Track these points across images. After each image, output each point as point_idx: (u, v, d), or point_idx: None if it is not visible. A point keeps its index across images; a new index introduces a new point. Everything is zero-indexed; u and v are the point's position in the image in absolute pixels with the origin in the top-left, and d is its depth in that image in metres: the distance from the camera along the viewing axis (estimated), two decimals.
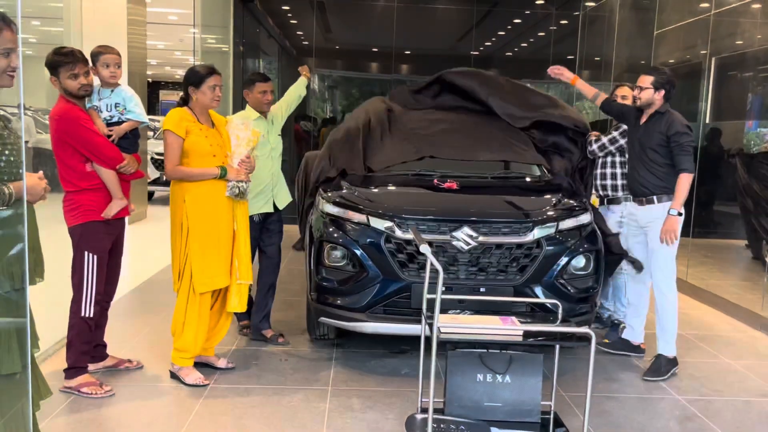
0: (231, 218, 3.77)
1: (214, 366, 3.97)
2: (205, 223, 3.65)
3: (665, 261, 4.11)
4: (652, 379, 4.05)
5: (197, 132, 3.67)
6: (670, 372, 4.09)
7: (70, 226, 3.54)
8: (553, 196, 4.33)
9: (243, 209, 3.85)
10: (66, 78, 3.40)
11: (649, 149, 4.12)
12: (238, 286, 3.81)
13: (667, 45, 7.72)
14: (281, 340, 4.48)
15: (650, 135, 4.12)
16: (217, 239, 3.69)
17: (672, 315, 4.14)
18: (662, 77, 4.07)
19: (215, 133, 3.78)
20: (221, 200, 3.70)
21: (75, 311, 3.53)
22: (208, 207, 3.66)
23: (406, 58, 11.44)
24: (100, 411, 3.36)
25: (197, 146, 3.65)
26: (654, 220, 4.12)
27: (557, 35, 10.86)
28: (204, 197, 3.65)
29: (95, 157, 3.49)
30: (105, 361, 3.88)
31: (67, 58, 3.39)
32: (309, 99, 12.01)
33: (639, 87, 4.14)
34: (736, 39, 6.81)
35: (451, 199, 4.21)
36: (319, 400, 3.60)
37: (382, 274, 3.83)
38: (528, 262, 3.88)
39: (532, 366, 3.04)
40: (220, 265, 3.70)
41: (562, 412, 3.44)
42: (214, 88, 3.68)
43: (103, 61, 3.61)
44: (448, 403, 3.04)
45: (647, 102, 4.13)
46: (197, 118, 3.71)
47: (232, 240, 3.78)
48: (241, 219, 3.82)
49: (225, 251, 3.73)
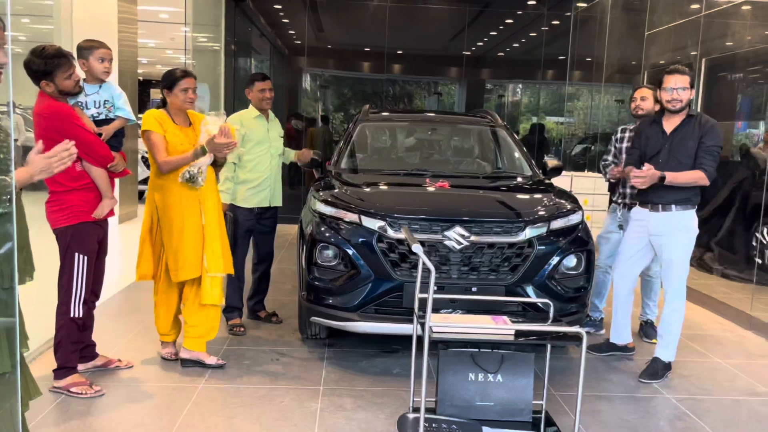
0: (198, 212, 3.83)
1: (205, 363, 3.97)
2: (173, 218, 3.79)
3: (680, 270, 3.99)
4: (648, 381, 4.01)
5: (171, 131, 3.81)
6: (665, 376, 4.08)
7: (59, 228, 3.48)
8: (545, 196, 4.34)
9: (212, 204, 3.88)
10: (63, 80, 3.33)
11: (685, 157, 3.88)
12: (211, 278, 3.85)
13: (657, 46, 7.76)
14: (275, 319, 4.81)
15: (684, 142, 3.89)
16: (182, 233, 3.79)
17: (678, 323, 4.05)
18: (692, 75, 3.87)
19: (190, 132, 3.91)
20: (188, 196, 3.80)
21: (64, 312, 3.50)
22: (175, 203, 3.79)
23: (399, 57, 11.44)
24: (89, 411, 3.34)
25: (171, 146, 3.79)
26: (669, 228, 3.97)
27: (549, 36, 10.89)
28: (172, 193, 3.79)
29: (88, 156, 3.45)
30: (95, 360, 3.85)
31: (62, 61, 3.32)
32: (301, 98, 12.00)
33: (673, 89, 3.83)
34: (726, 40, 6.85)
35: (443, 198, 4.22)
36: (311, 399, 3.59)
37: (374, 273, 3.83)
38: (520, 262, 3.89)
39: (524, 365, 3.05)
40: (187, 256, 3.79)
41: (554, 412, 3.45)
42: (186, 91, 3.81)
43: (98, 55, 3.59)
44: (440, 402, 3.04)
45: (687, 104, 3.88)
46: (172, 119, 3.86)
47: (201, 234, 3.83)
48: (210, 213, 3.86)
49: (191, 245, 3.80)
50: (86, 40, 3.63)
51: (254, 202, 4.59)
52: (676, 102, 3.87)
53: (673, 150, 3.93)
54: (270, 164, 4.64)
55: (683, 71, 3.85)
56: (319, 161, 5.07)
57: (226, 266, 3.91)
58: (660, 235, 4.02)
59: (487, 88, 12.49)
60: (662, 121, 4.02)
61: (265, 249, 4.83)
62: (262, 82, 4.58)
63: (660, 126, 4.02)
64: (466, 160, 5.55)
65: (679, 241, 3.98)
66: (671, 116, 3.97)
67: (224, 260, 3.90)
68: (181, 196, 3.79)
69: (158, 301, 4.01)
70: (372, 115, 5.60)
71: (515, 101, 12.79)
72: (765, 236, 6.23)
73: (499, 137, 5.48)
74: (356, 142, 5.29)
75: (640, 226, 4.13)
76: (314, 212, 4.17)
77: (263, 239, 4.80)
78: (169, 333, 4.07)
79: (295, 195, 10.40)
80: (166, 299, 3.99)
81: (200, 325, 3.95)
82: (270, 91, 4.61)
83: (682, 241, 3.99)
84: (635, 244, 4.18)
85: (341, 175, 4.66)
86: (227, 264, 3.93)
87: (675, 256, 3.98)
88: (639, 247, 4.16)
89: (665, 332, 4.08)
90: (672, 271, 4.01)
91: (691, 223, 4.00)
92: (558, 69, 11.03)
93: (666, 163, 3.92)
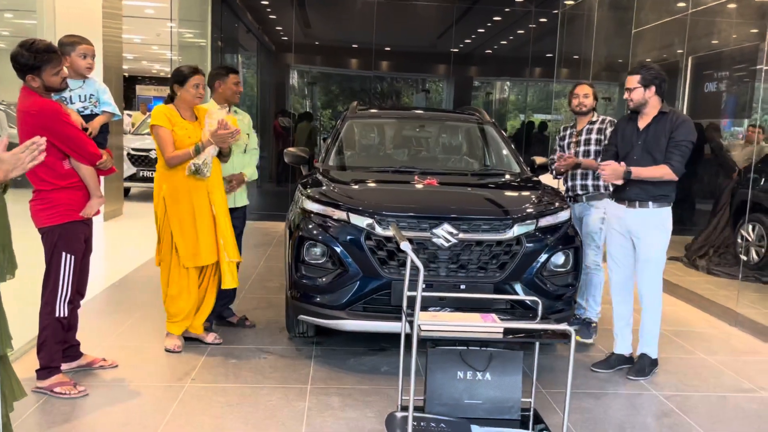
0: (208, 203, 4.04)
1: (204, 341, 4.25)
2: (182, 208, 3.99)
3: (655, 268, 4.02)
4: (635, 378, 4.02)
5: (179, 126, 3.99)
6: (652, 372, 4.10)
7: (45, 227, 3.42)
8: (533, 194, 4.34)
9: (220, 194, 4.11)
10: (51, 76, 3.25)
11: (658, 153, 3.90)
12: (229, 264, 4.09)
13: (644, 44, 7.79)
14: (248, 322, 4.71)
15: (656, 139, 3.92)
16: (194, 220, 3.99)
17: (657, 318, 4.08)
18: (649, 73, 3.91)
19: (197, 127, 4.04)
20: (195, 188, 3.99)
21: (49, 312, 3.45)
22: (183, 194, 3.99)
23: (386, 54, 11.41)
24: (73, 412, 3.29)
25: (177, 140, 3.96)
26: (646, 225, 3.97)
27: (536, 33, 10.91)
28: (179, 186, 3.98)
29: (76, 154, 3.39)
30: (79, 360, 3.80)
31: (51, 56, 3.24)
32: (288, 95, 11.94)
33: (627, 89, 3.97)
34: (713, 38, 6.89)
35: (431, 195, 4.21)
36: (298, 398, 3.56)
37: (362, 271, 3.81)
38: (508, 260, 3.88)
39: (513, 363, 3.04)
40: (202, 243, 4.01)
41: (542, 409, 3.45)
42: (197, 87, 3.99)
43: (81, 51, 3.54)
44: (428, 400, 3.03)
45: (639, 103, 3.95)
46: (180, 114, 4.03)
47: (212, 222, 4.04)
48: (219, 204, 4.08)
49: (205, 233, 4.01)
50: (68, 35, 3.57)
51: None
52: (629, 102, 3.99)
53: (646, 146, 3.96)
54: (230, 162, 4.39)
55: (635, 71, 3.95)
56: (307, 158, 5.04)
57: (237, 253, 4.19)
58: (636, 232, 4.02)
59: (475, 86, 12.49)
60: (637, 118, 4.05)
61: None
62: (236, 75, 4.54)
63: (635, 123, 4.05)
64: (455, 157, 5.54)
65: (655, 239, 3.99)
66: (643, 113, 4.01)
67: (236, 248, 4.19)
68: (189, 187, 3.98)
69: (179, 290, 4.08)
70: (360, 112, 5.57)
71: (503, 98, 12.80)
72: (750, 233, 6.28)
73: (487, 134, 5.47)
74: (344, 139, 5.27)
75: (619, 224, 4.11)
76: (301, 209, 4.15)
77: None
78: (187, 317, 4.14)
79: (283, 192, 10.36)
80: (187, 285, 4.09)
81: (204, 312, 4.25)
82: (240, 84, 4.61)
83: (659, 239, 4.00)
84: (621, 243, 4.13)
85: (329, 172, 4.64)
86: (237, 252, 4.21)
87: (652, 254, 3.99)
88: (626, 247, 4.12)
89: (646, 330, 4.10)
90: (648, 268, 4.02)
91: (668, 221, 4.01)
92: (546, 66, 11.04)
93: (640, 160, 3.94)
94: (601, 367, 4.19)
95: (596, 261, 4.72)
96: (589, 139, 4.74)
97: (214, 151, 3.97)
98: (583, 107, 4.75)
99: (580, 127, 4.82)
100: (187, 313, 4.14)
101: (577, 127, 4.85)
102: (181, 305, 4.10)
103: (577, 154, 4.73)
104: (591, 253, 4.71)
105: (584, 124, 4.81)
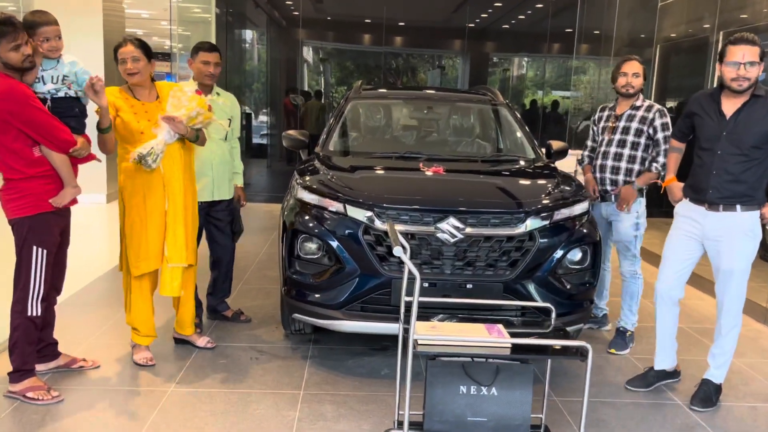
0: (162, 198, 3.53)
1: (194, 345, 3.95)
2: (134, 204, 3.51)
3: (740, 280, 3.39)
4: (702, 409, 3.43)
5: (127, 109, 3.47)
6: (719, 401, 3.52)
7: (15, 218, 3.16)
8: (548, 182, 3.99)
9: (178, 189, 3.56)
10: (8, 50, 2.96)
11: (752, 147, 3.23)
12: (170, 269, 3.57)
13: (671, 18, 7.32)
14: (243, 317, 4.40)
15: (750, 126, 3.22)
16: (145, 220, 3.51)
17: (734, 341, 3.50)
18: (763, 47, 3.23)
19: (155, 107, 3.54)
20: (151, 180, 3.50)
21: (20, 311, 3.18)
22: (137, 187, 3.51)
23: (399, 29, 11.01)
24: (43, 420, 3.04)
25: (124, 123, 3.46)
26: (731, 232, 3.32)
27: (555, 7, 10.42)
28: (135, 177, 3.49)
29: (46, 141, 3.11)
30: (57, 360, 3.55)
31: (7, 28, 2.96)
32: (299, 72, 11.59)
33: (744, 63, 3.14)
34: (745, 11, 6.43)
35: (436, 186, 3.87)
36: (289, 407, 3.29)
37: (360, 268, 3.50)
38: (519, 256, 3.54)
39: (522, 377, 2.72)
40: (147, 248, 3.53)
41: (555, 423, 3.15)
42: (124, 62, 3.45)
43: (41, 34, 3.17)
44: (427, 417, 2.73)
45: (754, 82, 3.20)
46: (133, 95, 3.53)
47: (164, 222, 3.54)
48: (175, 199, 3.55)
49: (154, 233, 3.53)
50: (33, 12, 3.21)
51: None
52: (742, 81, 3.19)
53: (733, 135, 3.27)
54: (209, 149, 3.97)
55: (751, 41, 3.16)
56: (307, 142, 4.72)
57: (188, 256, 3.62)
58: (718, 239, 3.37)
59: (491, 62, 12.06)
60: (721, 100, 3.35)
61: (221, 247, 4.25)
62: (208, 53, 4.00)
63: (719, 107, 3.32)
64: (465, 141, 5.18)
65: (742, 247, 3.35)
66: (737, 97, 3.28)
67: (188, 250, 3.61)
68: (144, 180, 3.49)
69: (135, 297, 3.62)
70: (364, 92, 5.22)
71: (520, 75, 12.36)
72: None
73: (501, 116, 5.11)
74: (346, 122, 4.93)
75: (692, 228, 3.46)
76: (296, 200, 3.84)
77: (217, 236, 4.22)
78: (150, 334, 3.72)
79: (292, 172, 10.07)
80: (144, 294, 3.63)
81: (185, 312, 3.87)
82: (216, 66, 4.02)
83: (746, 248, 3.36)
84: (685, 248, 3.48)
85: (329, 159, 4.31)
86: (190, 254, 3.64)
87: (737, 265, 3.36)
88: (689, 253, 3.49)
89: (721, 352, 3.52)
90: (731, 282, 3.39)
91: (757, 227, 3.36)
92: (564, 42, 10.58)
93: (732, 152, 3.27)
94: (637, 384, 3.67)
95: (633, 270, 4.26)
96: (629, 127, 4.14)
97: (168, 138, 3.42)
98: (630, 88, 4.11)
99: (620, 111, 4.21)
100: (148, 326, 3.67)
101: (616, 110, 4.24)
102: (142, 318, 3.64)
103: (611, 142, 4.20)
104: (626, 263, 4.27)
105: (626, 108, 4.19)
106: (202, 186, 3.98)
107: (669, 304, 3.60)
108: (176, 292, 3.63)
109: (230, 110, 4.19)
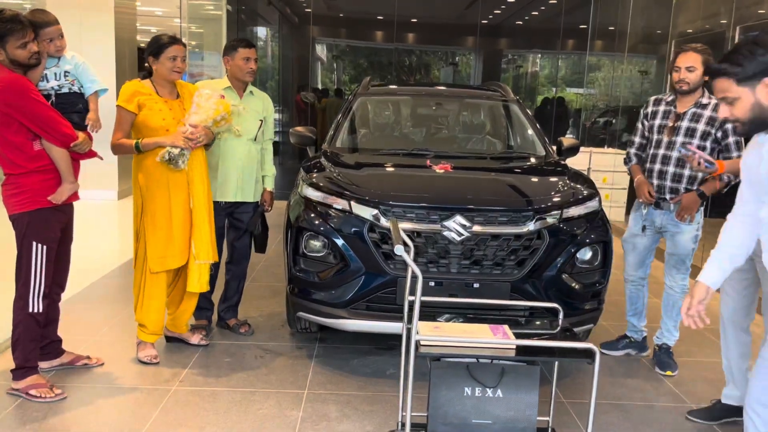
0: (186, 196, 3.57)
1: (188, 342, 3.90)
2: (158, 202, 3.51)
3: None
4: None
5: (151, 106, 3.47)
6: None
7: (15, 214, 3.15)
8: (558, 180, 3.91)
9: (201, 187, 3.59)
10: (15, 48, 2.97)
11: None
12: (198, 266, 3.63)
13: (687, 13, 7.19)
14: (244, 329, 4.17)
15: None
16: (170, 218, 3.53)
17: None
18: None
19: (177, 105, 3.55)
20: (175, 178, 3.51)
21: (21, 307, 3.17)
22: (161, 185, 3.51)
23: (412, 26, 10.93)
24: (45, 417, 3.02)
25: (148, 120, 3.46)
26: None
27: (569, 3, 10.30)
28: (157, 175, 3.49)
29: (47, 135, 3.10)
30: (61, 357, 3.54)
31: (16, 26, 2.96)
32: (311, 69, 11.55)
33: None
34: (763, 6, 6.29)
35: (443, 183, 3.80)
36: (292, 406, 3.25)
37: (366, 267, 3.45)
38: (528, 255, 3.47)
39: (528, 379, 2.66)
40: (173, 244, 3.55)
41: (562, 424, 3.08)
42: (174, 59, 3.46)
43: (46, 35, 3.16)
44: (431, 419, 2.67)
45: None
46: (156, 91, 3.52)
47: (189, 219, 3.59)
48: (199, 197, 3.60)
49: (180, 231, 3.56)
50: (35, 11, 3.20)
51: (217, 195, 3.86)
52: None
53: None
54: (236, 151, 3.88)
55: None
56: (315, 138, 4.67)
57: (213, 254, 3.70)
58: None
59: (504, 59, 11.95)
60: None
61: (238, 249, 4.13)
62: (247, 49, 3.88)
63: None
64: (474, 138, 5.11)
65: None
66: None
67: (212, 247, 3.69)
68: (168, 179, 3.50)
69: (150, 294, 3.60)
70: (373, 89, 5.16)
71: (533, 72, 12.24)
72: None
73: (511, 113, 5.03)
74: (353, 118, 4.88)
75: None
76: (301, 197, 3.79)
77: (236, 238, 4.11)
78: (157, 332, 3.71)
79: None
80: (158, 293, 3.63)
81: (185, 311, 3.84)
82: (255, 61, 3.92)
83: None
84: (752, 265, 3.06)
85: (336, 156, 4.27)
86: (214, 251, 3.72)
87: None
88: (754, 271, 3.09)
89: None
90: None
91: None
92: (578, 38, 10.45)
93: None
94: (700, 416, 3.32)
95: (684, 284, 3.83)
96: (694, 129, 3.60)
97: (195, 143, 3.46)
98: (685, 85, 3.59)
99: (682, 109, 3.66)
100: (158, 324, 3.67)
101: (677, 107, 3.71)
102: (152, 317, 3.63)
103: (672, 145, 3.66)
104: (679, 276, 3.82)
105: (689, 106, 3.64)
106: (226, 189, 3.91)
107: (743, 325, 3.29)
108: (205, 287, 3.69)
109: (263, 110, 4.04)
